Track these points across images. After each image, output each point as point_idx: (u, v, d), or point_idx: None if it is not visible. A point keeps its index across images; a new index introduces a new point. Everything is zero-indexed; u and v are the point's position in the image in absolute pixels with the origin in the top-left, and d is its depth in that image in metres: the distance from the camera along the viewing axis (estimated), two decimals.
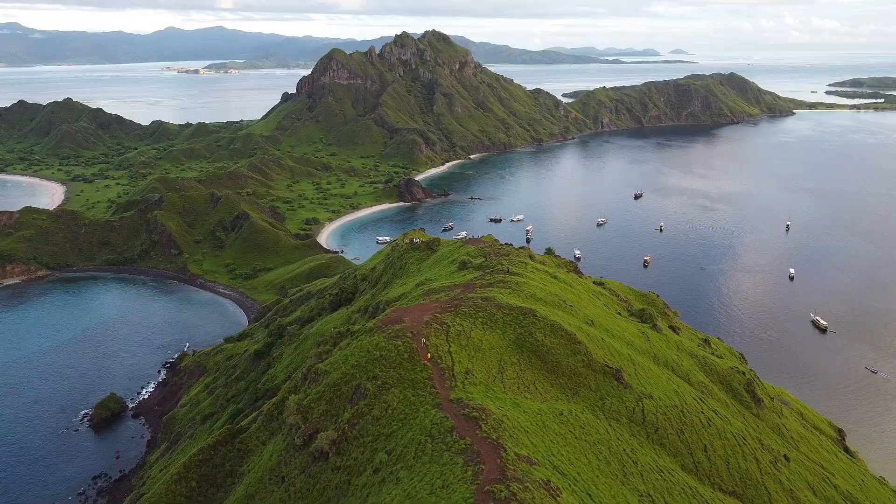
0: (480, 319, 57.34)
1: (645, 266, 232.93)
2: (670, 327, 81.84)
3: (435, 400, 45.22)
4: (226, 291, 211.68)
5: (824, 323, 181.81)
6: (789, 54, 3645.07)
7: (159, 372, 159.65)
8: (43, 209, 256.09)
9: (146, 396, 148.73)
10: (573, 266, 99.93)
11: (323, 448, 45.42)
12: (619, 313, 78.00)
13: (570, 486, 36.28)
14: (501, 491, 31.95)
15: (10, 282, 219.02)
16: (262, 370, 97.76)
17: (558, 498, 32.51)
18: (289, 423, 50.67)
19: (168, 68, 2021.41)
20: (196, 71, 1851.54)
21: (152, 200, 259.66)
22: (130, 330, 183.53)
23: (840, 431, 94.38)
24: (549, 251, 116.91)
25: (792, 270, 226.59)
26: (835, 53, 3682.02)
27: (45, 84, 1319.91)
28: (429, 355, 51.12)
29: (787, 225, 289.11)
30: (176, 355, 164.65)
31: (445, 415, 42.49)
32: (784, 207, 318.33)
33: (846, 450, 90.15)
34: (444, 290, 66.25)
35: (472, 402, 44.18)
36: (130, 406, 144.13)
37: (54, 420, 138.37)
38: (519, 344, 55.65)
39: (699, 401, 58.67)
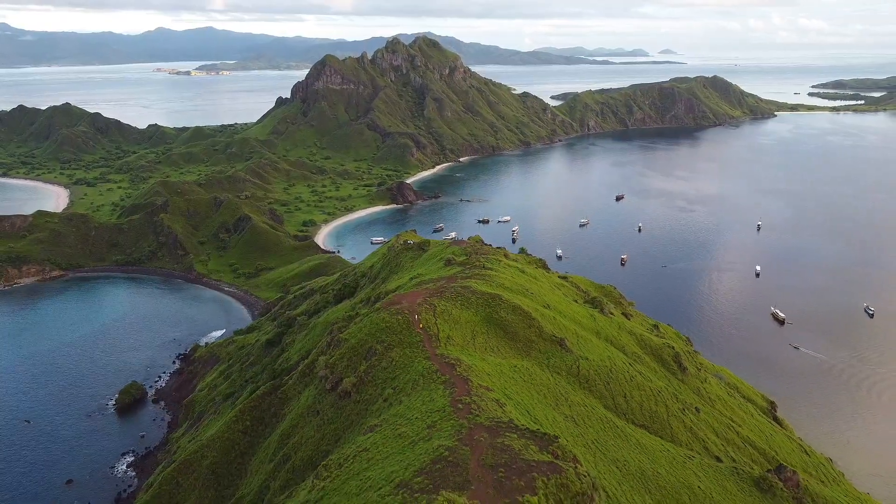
0: (459, 301, 73.62)
1: (622, 264, 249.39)
2: (623, 314, 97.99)
3: (425, 355, 61.36)
4: (230, 290, 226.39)
5: (782, 315, 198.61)
6: (777, 54, 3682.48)
7: (174, 362, 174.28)
8: (55, 213, 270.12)
9: (164, 384, 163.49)
10: (542, 263, 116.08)
11: (347, 389, 61.29)
12: (575, 300, 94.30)
13: (514, 405, 52.07)
14: (466, 400, 47.91)
15: (27, 282, 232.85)
16: (277, 355, 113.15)
17: (504, 408, 48.25)
18: (320, 376, 66.54)
19: (159, 69, 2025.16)
20: (187, 72, 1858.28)
21: (158, 204, 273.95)
22: (143, 325, 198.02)
23: (772, 403, 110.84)
24: (522, 251, 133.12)
25: (758, 267, 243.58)
26: (822, 53, 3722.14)
27: (38, 86, 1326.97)
28: (420, 326, 67.35)
29: (759, 225, 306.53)
30: (189, 348, 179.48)
31: (432, 363, 58.51)
32: (757, 208, 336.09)
33: (775, 419, 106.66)
34: (433, 281, 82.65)
35: (451, 356, 60.40)
36: (150, 393, 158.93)
37: (83, 405, 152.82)
38: (487, 319, 72.11)
39: (628, 364, 74.77)
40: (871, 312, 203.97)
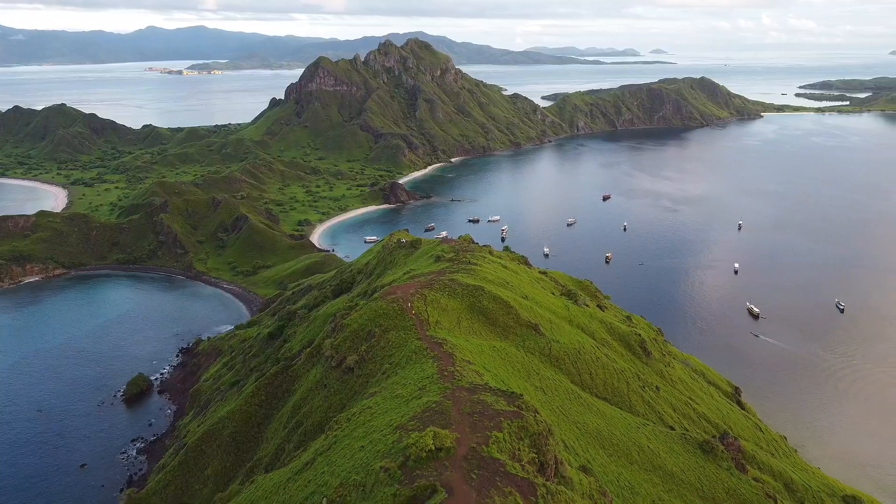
0: (447, 292, 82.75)
1: (607, 262, 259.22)
2: (598, 306, 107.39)
3: (417, 336, 70.48)
4: (229, 287, 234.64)
5: (757, 310, 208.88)
6: (767, 54, 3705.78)
7: (177, 356, 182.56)
8: (57, 213, 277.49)
9: (168, 376, 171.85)
10: (524, 259, 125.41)
11: (350, 365, 70.37)
12: (553, 292, 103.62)
13: (491, 376, 61.04)
14: (451, 370, 57.17)
15: (31, 279, 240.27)
16: (279, 346, 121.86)
17: (482, 377, 57.27)
18: (326, 356, 75.56)
19: (151, 69, 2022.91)
20: (179, 72, 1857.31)
21: (157, 204, 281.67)
22: (146, 321, 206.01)
23: (736, 388, 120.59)
24: (506, 248, 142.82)
25: (737, 265, 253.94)
26: (811, 54, 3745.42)
27: (30, 85, 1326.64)
28: (413, 312, 76.39)
29: (740, 224, 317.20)
30: (191, 342, 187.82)
31: (423, 343, 67.61)
32: (739, 208, 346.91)
33: (739, 403, 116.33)
34: (424, 275, 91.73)
35: (439, 337, 69.61)
36: (156, 384, 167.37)
37: (92, 396, 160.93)
38: (471, 307, 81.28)
39: (595, 347, 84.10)
40: (841, 308, 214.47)
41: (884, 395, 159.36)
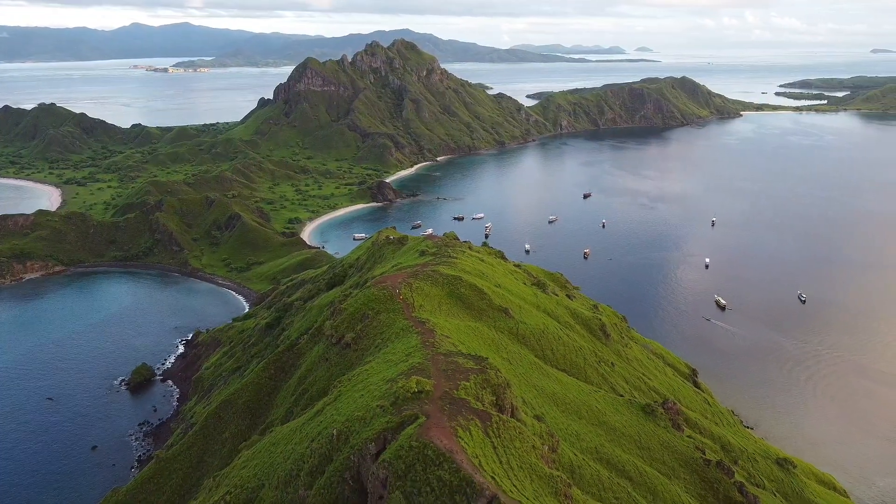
0: (430, 281, 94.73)
1: (585, 258, 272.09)
2: (567, 295, 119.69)
3: (404, 317, 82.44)
4: (224, 282, 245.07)
5: (724, 302, 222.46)
6: (751, 52, 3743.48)
7: (177, 347, 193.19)
8: (55, 212, 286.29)
9: (170, 366, 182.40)
10: (500, 254, 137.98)
11: (348, 342, 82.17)
12: (524, 282, 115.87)
13: (465, 347, 72.88)
14: (432, 341, 69.36)
15: (31, 276, 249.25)
16: (277, 334, 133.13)
17: (458, 347, 69.19)
18: (327, 335, 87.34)
19: (136, 66, 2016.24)
20: (165, 69, 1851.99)
21: (151, 203, 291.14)
22: (146, 315, 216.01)
23: (693, 370, 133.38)
24: (484, 244, 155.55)
25: (707, 259, 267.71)
26: (794, 52, 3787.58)
27: (15, 83, 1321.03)
28: (400, 297, 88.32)
29: (713, 221, 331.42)
30: (191, 334, 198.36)
31: (409, 322, 79.55)
32: (714, 205, 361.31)
33: (695, 383, 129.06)
34: (410, 267, 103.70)
35: (422, 317, 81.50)
36: (158, 373, 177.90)
37: (98, 384, 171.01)
38: (450, 294, 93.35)
39: (558, 329, 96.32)
40: (803, 299, 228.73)
41: (835, 378, 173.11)
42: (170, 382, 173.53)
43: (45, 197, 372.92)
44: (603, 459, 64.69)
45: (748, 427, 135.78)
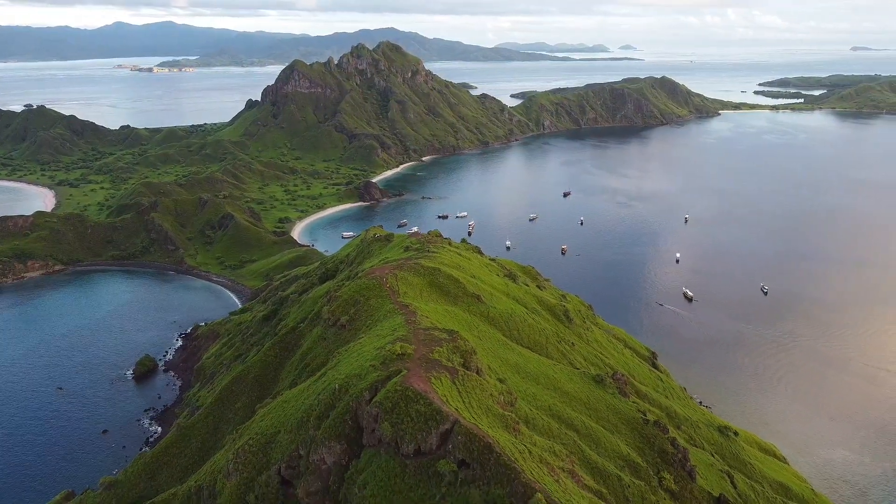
0: (413, 272, 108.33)
1: (563, 253, 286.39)
2: (538, 286, 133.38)
3: (391, 302, 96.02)
4: (219, 279, 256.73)
5: (691, 294, 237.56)
6: (733, 50, 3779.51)
7: (177, 340, 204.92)
8: (53, 213, 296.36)
9: (171, 357, 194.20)
10: (477, 249, 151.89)
11: (343, 323, 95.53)
12: (497, 274, 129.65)
13: (442, 325, 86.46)
14: (413, 320, 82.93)
15: (32, 275, 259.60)
16: (275, 324, 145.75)
17: (437, 325, 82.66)
18: (324, 318, 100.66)
19: (121, 66, 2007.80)
20: (149, 69, 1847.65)
21: (146, 204, 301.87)
22: (145, 311, 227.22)
23: (653, 353, 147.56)
24: (463, 241, 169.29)
25: (678, 255, 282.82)
26: (776, 50, 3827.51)
27: (0, 85, 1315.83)
28: (387, 286, 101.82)
29: (686, 218, 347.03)
30: (189, 328, 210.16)
31: (395, 306, 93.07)
32: (688, 203, 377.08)
33: (654, 365, 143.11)
34: (395, 261, 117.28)
35: (406, 302, 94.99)
36: (161, 364, 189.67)
37: (104, 375, 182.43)
38: (430, 283, 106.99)
39: (525, 313, 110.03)
40: (765, 291, 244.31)
41: (789, 363, 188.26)
42: (172, 373, 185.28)
43: (39, 198, 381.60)
44: (555, 416, 77.90)
45: (706, 406, 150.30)
